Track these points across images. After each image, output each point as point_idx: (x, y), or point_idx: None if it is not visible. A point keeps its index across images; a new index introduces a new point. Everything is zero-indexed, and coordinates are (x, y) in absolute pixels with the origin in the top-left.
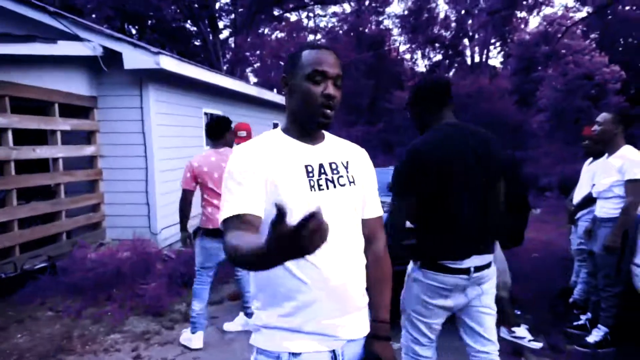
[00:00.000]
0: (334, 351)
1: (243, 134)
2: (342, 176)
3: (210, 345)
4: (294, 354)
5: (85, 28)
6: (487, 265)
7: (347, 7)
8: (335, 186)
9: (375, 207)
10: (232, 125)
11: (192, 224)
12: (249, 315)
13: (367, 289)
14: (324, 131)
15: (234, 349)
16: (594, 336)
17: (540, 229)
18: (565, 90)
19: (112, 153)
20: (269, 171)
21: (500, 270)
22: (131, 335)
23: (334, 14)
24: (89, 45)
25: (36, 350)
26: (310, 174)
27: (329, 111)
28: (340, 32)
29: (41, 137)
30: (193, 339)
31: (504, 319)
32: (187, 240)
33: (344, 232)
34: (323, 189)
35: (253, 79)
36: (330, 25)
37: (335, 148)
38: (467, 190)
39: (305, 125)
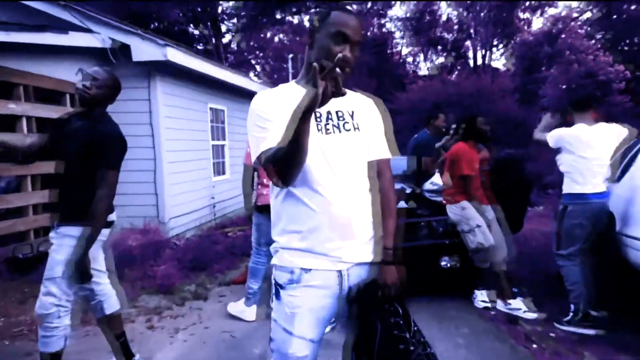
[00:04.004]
0: (340, 272)
1: None
2: (347, 122)
3: (218, 316)
4: (305, 270)
5: (94, 20)
6: None
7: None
8: (340, 131)
9: (379, 150)
10: None
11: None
12: (248, 299)
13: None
14: None
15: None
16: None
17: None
18: (567, 89)
19: None
20: (284, 114)
21: (497, 247)
22: (144, 310)
23: None
24: (99, 37)
25: None
26: (318, 119)
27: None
28: None
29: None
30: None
31: (501, 293)
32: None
33: (348, 170)
34: (330, 133)
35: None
36: None
37: (343, 99)
38: None
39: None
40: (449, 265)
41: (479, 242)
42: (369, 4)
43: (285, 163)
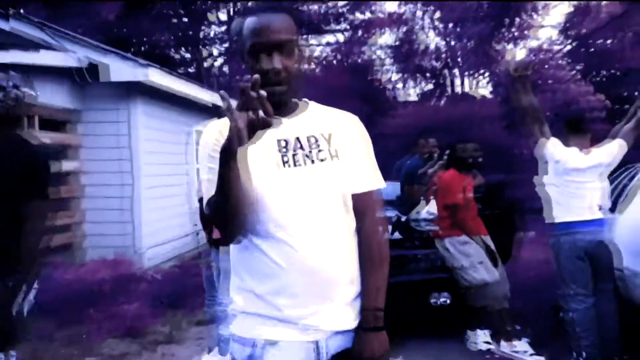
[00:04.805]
0: (316, 342)
1: None
2: (322, 150)
3: None
4: (271, 342)
5: (68, 39)
6: None
7: (341, 37)
8: (313, 161)
9: (362, 181)
10: None
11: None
12: (221, 348)
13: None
14: (304, 101)
15: None
16: None
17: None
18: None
19: (94, 169)
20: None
21: (493, 283)
22: (107, 357)
23: (327, 44)
24: (73, 57)
25: None
26: (284, 149)
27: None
28: (334, 61)
29: None
30: None
31: (497, 334)
32: None
33: (319, 213)
34: (300, 165)
35: None
36: (324, 54)
37: (315, 119)
38: None
39: None
40: (439, 302)
41: (469, 282)
42: (351, 32)
43: (213, 216)
